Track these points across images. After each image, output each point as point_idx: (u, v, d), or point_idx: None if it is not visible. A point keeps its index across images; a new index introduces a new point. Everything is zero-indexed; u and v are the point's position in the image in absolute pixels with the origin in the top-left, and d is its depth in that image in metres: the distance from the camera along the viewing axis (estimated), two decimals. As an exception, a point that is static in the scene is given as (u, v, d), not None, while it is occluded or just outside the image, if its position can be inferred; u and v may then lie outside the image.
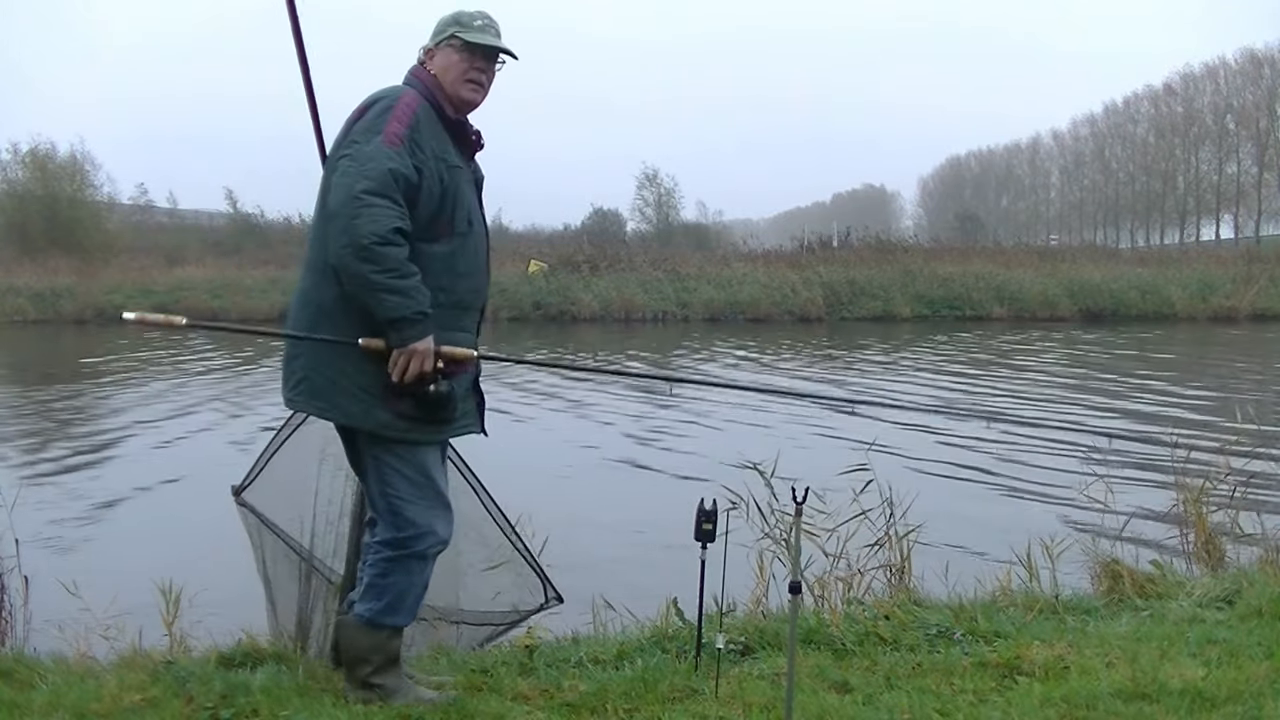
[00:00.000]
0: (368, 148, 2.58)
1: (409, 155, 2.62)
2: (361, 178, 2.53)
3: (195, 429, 10.41)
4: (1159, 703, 2.86)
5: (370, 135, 2.61)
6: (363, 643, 2.84)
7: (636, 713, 2.85)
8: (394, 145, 2.59)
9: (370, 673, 2.84)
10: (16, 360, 19.06)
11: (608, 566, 5.41)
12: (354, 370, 2.68)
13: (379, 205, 2.52)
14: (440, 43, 2.82)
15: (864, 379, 14.80)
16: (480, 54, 2.82)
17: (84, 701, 2.92)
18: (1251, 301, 27.64)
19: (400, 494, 2.77)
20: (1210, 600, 3.91)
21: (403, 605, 2.83)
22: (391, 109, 2.65)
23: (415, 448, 2.78)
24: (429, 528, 2.80)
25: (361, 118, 2.68)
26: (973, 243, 44.00)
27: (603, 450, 9.38)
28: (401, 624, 2.87)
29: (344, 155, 2.62)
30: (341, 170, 2.59)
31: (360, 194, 2.52)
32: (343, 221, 2.53)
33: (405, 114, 2.65)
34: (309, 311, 2.74)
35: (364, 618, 2.83)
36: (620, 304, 26.10)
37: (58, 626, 3.88)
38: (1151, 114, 75.74)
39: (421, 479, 2.79)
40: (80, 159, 37.25)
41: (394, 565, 2.80)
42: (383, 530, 2.81)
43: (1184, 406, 11.77)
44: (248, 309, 26.49)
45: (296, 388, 2.76)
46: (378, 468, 2.77)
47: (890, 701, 2.91)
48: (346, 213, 2.52)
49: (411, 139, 2.64)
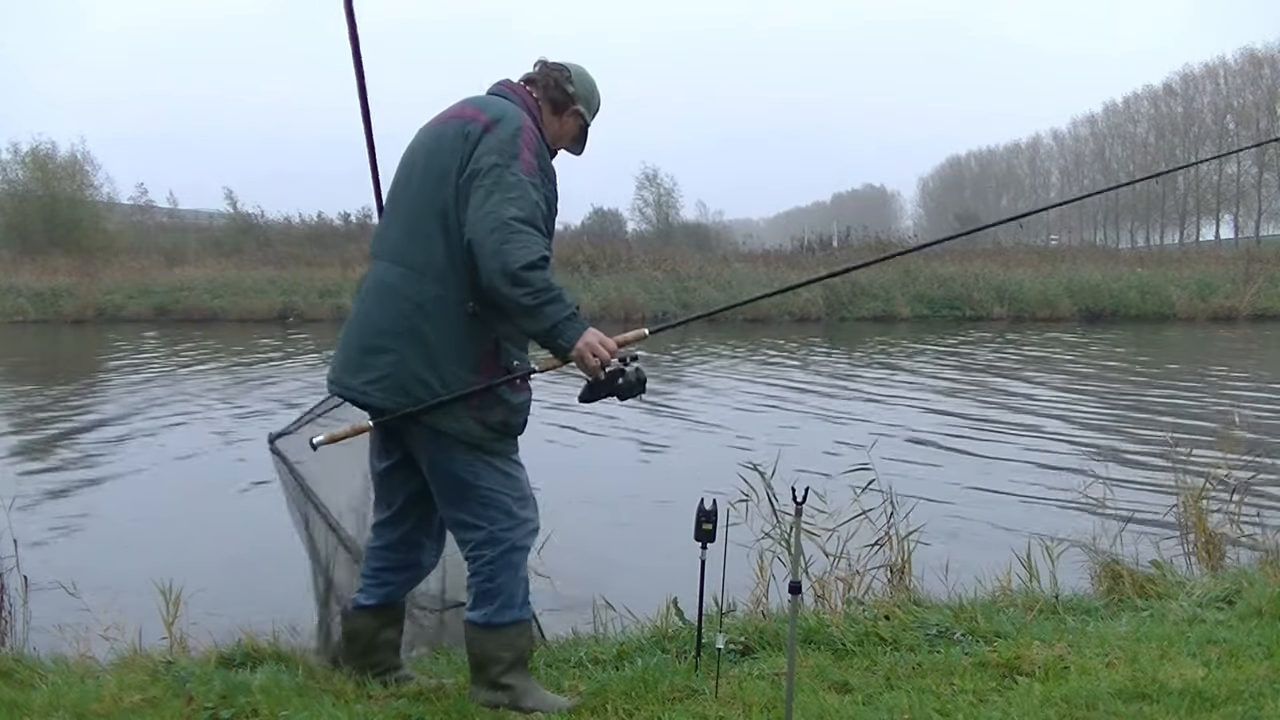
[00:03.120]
0: (510, 175, 2.61)
1: (541, 185, 2.69)
2: (509, 204, 2.58)
3: (195, 429, 10.40)
4: (1159, 703, 2.86)
5: (511, 159, 2.63)
6: (489, 644, 2.81)
7: (636, 713, 2.85)
8: (531, 175, 2.65)
9: (501, 672, 2.83)
10: (16, 360, 19.05)
11: (608, 566, 5.41)
12: (451, 378, 2.68)
13: (527, 233, 2.57)
14: (580, 114, 2.95)
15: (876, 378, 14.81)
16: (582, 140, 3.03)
17: (84, 701, 2.92)
18: (1251, 301, 27.65)
19: (494, 487, 2.77)
20: (1210, 600, 3.91)
21: (515, 600, 2.81)
22: (520, 134, 2.69)
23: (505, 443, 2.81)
24: (525, 516, 2.82)
25: (490, 130, 2.68)
26: (973, 243, 43.96)
27: (602, 450, 9.38)
28: (522, 618, 2.85)
29: (487, 176, 2.61)
30: (485, 191, 2.60)
31: (510, 220, 2.56)
32: (493, 246, 2.56)
33: (532, 141, 2.71)
34: (397, 306, 2.71)
35: (480, 623, 2.81)
36: (620, 304, 26.09)
37: (58, 626, 3.88)
38: (1151, 114, 75.78)
39: (511, 470, 2.82)
40: (80, 159, 37.38)
41: (498, 565, 2.78)
42: (476, 534, 2.78)
43: (1184, 406, 11.77)
44: (248, 309, 26.53)
45: (378, 382, 2.72)
46: (471, 466, 2.75)
47: (890, 701, 2.91)
48: (497, 238, 2.56)
49: (540, 168, 2.71)
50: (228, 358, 17.89)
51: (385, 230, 2.86)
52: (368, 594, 3.01)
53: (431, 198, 2.71)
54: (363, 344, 2.76)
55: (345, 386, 2.81)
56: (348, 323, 2.86)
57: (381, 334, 2.73)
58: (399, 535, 2.97)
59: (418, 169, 2.78)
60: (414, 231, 2.73)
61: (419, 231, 2.72)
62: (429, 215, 2.70)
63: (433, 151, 2.76)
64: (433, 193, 2.71)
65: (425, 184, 2.73)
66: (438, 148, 2.74)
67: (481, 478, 2.76)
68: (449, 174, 2.68)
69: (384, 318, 2.73)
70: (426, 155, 2.77)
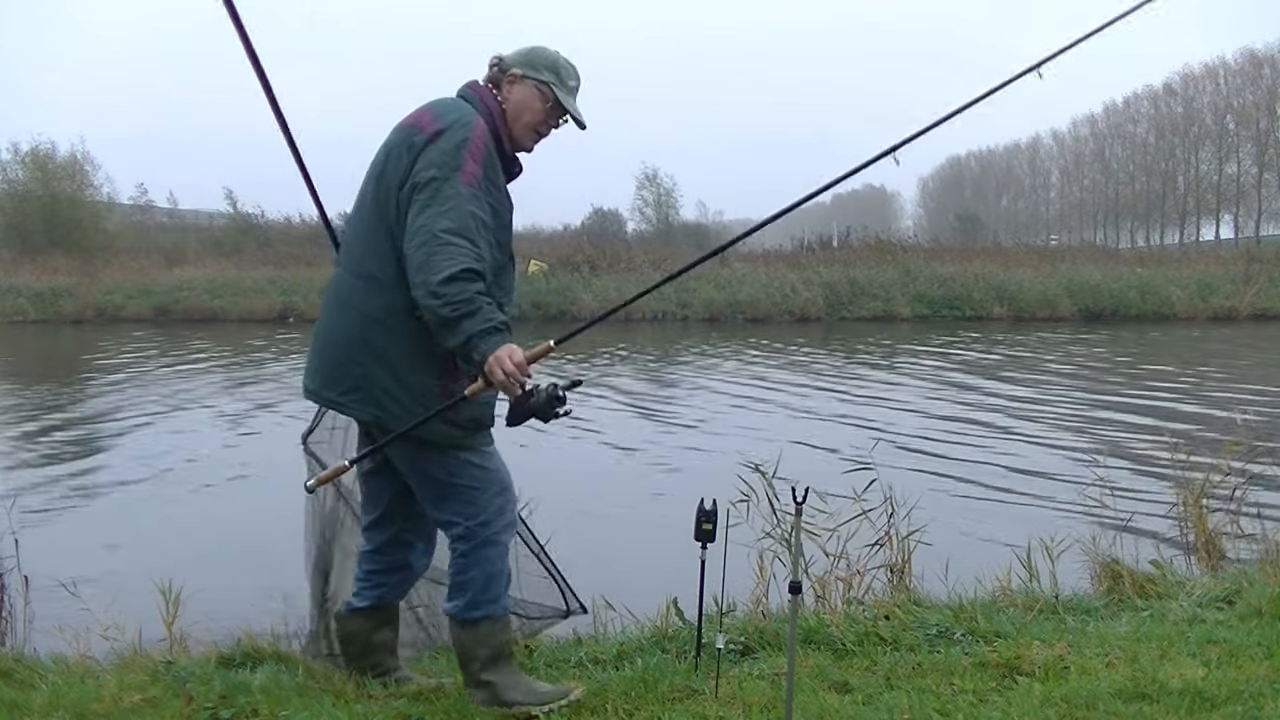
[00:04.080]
0: (449, 188, 2.58)
1: (485, 195, 2.65)
2: (442, 217, 2.55)
3: (194, 428, 10.41)
4: (1159, 703, 2.86)
5: (451, 172, 2.59)
6: (464, 640, 2.82)
7: (636, 713, 2.85)
8: (472, 187, 2.61)
9: (478, 669, 2.83)
10: (16, 360, 19.06)
11: (608, 566, 5.41)
12: (417, 386, 2.68)
13: (455, 244, 2.53)
14: (529, 79, 2.82)
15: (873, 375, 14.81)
16: (558, 113, 2.85)
17: (84, 701, 2.93)
18: (1251, 301, 27.65)
19: (471, 483, 2.77)
20: (1210, 600, 3.91)
21: (487, 595, 2.80)
22: (467, 143, 2.63)
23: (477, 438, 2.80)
24: (501, 508, 2.82)
25: (434, 142, 2.64)
26: (973, 243, 44.02)
27: (604, 450, 9.38)
28: (494, 613, 2.84)
29: (425, 189, 2.59)
30: (420, 205, 2.58)
31: (440, 232, 2.53)
32: (420, 260, 2.53)
33: (479, 151, 2.65)
34: (350, 318, 2.72)
35: (453, 615, 2.84)
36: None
37: (58, 626, 3.88)
38: (1151, 114, 75.79)
39: (488, 463, 2.82)
40: (80, 159, 37.36)
41: (470, 559, 2.79)
42: (455, 529, 2.80)
43: (1184, 406, 11.78)
44: (248, 309, 26.53)
45: (350, 394, 2.73)
46: (445, 465, 2.76)
47: (890, 701, 2.91)
48: (425, 252, 2.53)
49: (486, 178, 2.66)
50: (227, 357, 17.90)
51: (345, 239, 2.86)
52: (361, 596, 3.02)
53: (382, 209, 2.69)
54: (331, 356, 2.77)
55: (323, 399, 2.83)
56: (315, 331, 2.85)
57: (337, 346, 2.74)
58: (388, 536, 2.98)
59: (373, 178, 2.76)
60: (368, 243, 2.72)
61: (372, 243, 2.71)
62: (379, 227, 2.69)
63: (383, 160, 2.74)
64: (383, 204, 2.69)
65: (377, 195, 2.72)
66: (387, 157, 2.72)
67: (457, 474, 2.77)
68: (393, 187, 2.67)
69: (339, 329, 2.74)
70: (381, 164, 2.75)
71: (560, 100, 2.83)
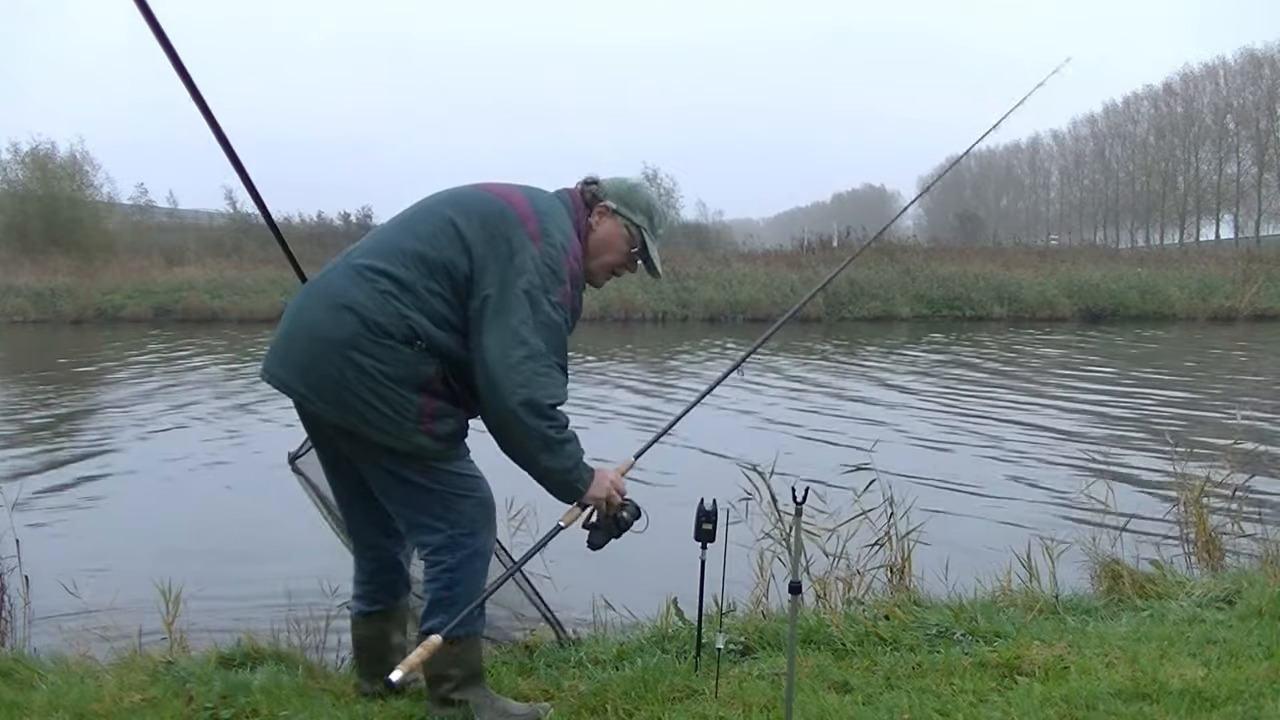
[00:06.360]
0: (547, 303, 2.55)
1: (570, 318, 2.65)
2: (544, 331, 2.54)
3: (193, 428, 10.40)
4: (1159, 703, 2.86)
5: (555, 286, 2.57)
6: (439, 659, 2.63)
7: (636, 713, 2.85)
8: (564, 310, 2.61)
9: (451, 689, 2.76)
10: (16, 360, 19.06)
11: (608, 566, 5.40)
12: (393, 397, 2.53)
13: (559, 372, 2.57)
14: (621, 216, 2.79)
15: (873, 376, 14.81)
16: (640, 257, 2.84)
17: (84, 701, 2.92)
18: (1251, 301, 27.68)
19: (454, 490, 2.68)
20: (1210, 600, 3.91)
21: (470, 613, 2.69)
22: (566, 257, 2.62)
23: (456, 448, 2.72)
24: (486, 520, 2.75)
25: (534, 243, 2.57)
26: (972, 243, 44.05)
27: (604, 450, 9.37)
28: (475, 632, 2.76)
29: (527, 296, 2.52)
30: (522, 315, 2.51)
31: (549, 353, 2.54)
32: (524, 375, 2.50)
33: (574, 271, 2.65)
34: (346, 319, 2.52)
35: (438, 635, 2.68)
36: (620, 304, 26.06)
37: (58, 626, 3.88)
38: (1151, 114, 75.84)
39: (467, 470, 2.73)
40: (80, 159, 37.35)
41: (459, 573, 2.68)
42: (435, 538, 2.68)
43: (1184, 406, 11.77)
44: (247, 309, 26.52)
45: (322, 393, 2.56)
46: (425, 473, 2.65)
47: (890, 701, 2.91)
48: (530, 367, 2.50)
49: (572, 303, 2.67)
50: (227, 356, 17.90)
51: (377, 239, 2.69)
52: (367, 600, 2.96)
53: (433, 242, 2.56)
54: (310, 347, 2.56)
55: (290, 388, 2.60)
56: (290, 314, 2.64)
57: (319, 341, 2.54)
58: (371, 535, 2.89)
59: (430, 211, 2.65)
60: (391, 259, 2.56)
61: (396, 261, 2.56)
62: (413, 255, 2.55)
63: (455, 204, 2.64)
64: (438, 240, 2.56)
65: (431, 226, 2.59)
66: (466, 208, 2.62)
67: (439, 481, 2.67)
68: (467, 241, 2.55)
69: (325, 327, 2.54)
70: (446, 204, 2.64)
71: (647, 245, 2.81)
